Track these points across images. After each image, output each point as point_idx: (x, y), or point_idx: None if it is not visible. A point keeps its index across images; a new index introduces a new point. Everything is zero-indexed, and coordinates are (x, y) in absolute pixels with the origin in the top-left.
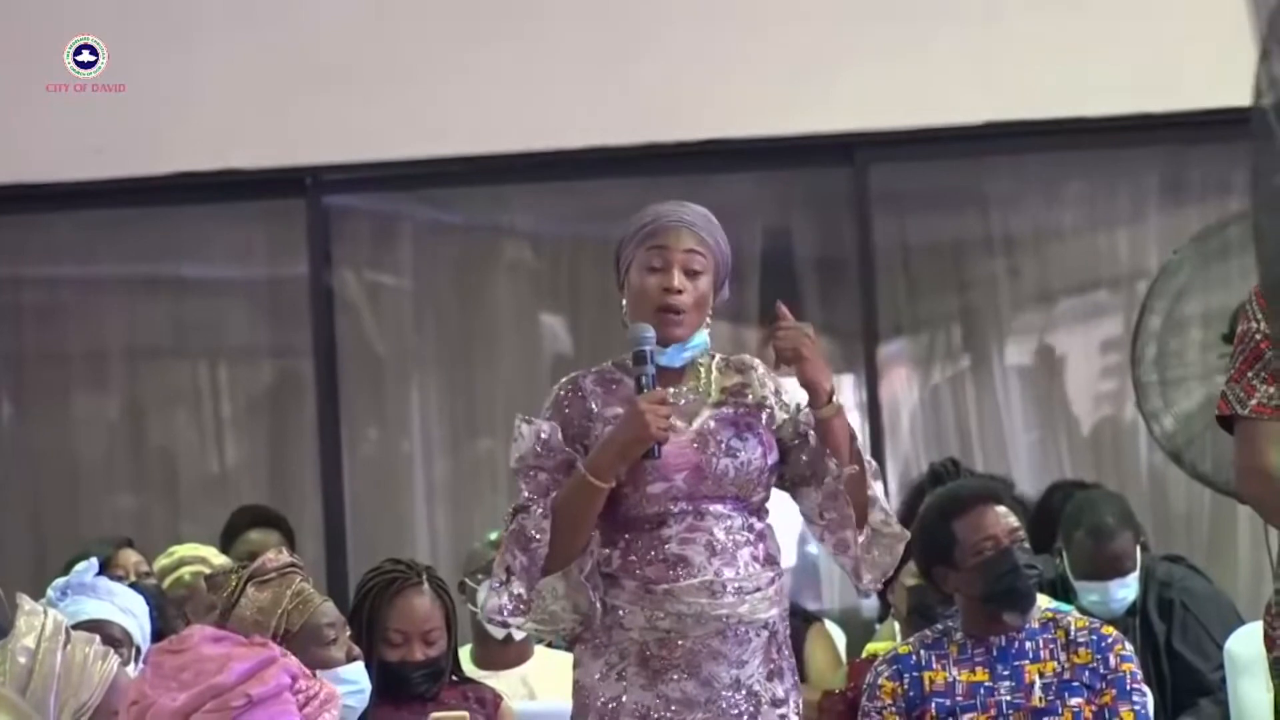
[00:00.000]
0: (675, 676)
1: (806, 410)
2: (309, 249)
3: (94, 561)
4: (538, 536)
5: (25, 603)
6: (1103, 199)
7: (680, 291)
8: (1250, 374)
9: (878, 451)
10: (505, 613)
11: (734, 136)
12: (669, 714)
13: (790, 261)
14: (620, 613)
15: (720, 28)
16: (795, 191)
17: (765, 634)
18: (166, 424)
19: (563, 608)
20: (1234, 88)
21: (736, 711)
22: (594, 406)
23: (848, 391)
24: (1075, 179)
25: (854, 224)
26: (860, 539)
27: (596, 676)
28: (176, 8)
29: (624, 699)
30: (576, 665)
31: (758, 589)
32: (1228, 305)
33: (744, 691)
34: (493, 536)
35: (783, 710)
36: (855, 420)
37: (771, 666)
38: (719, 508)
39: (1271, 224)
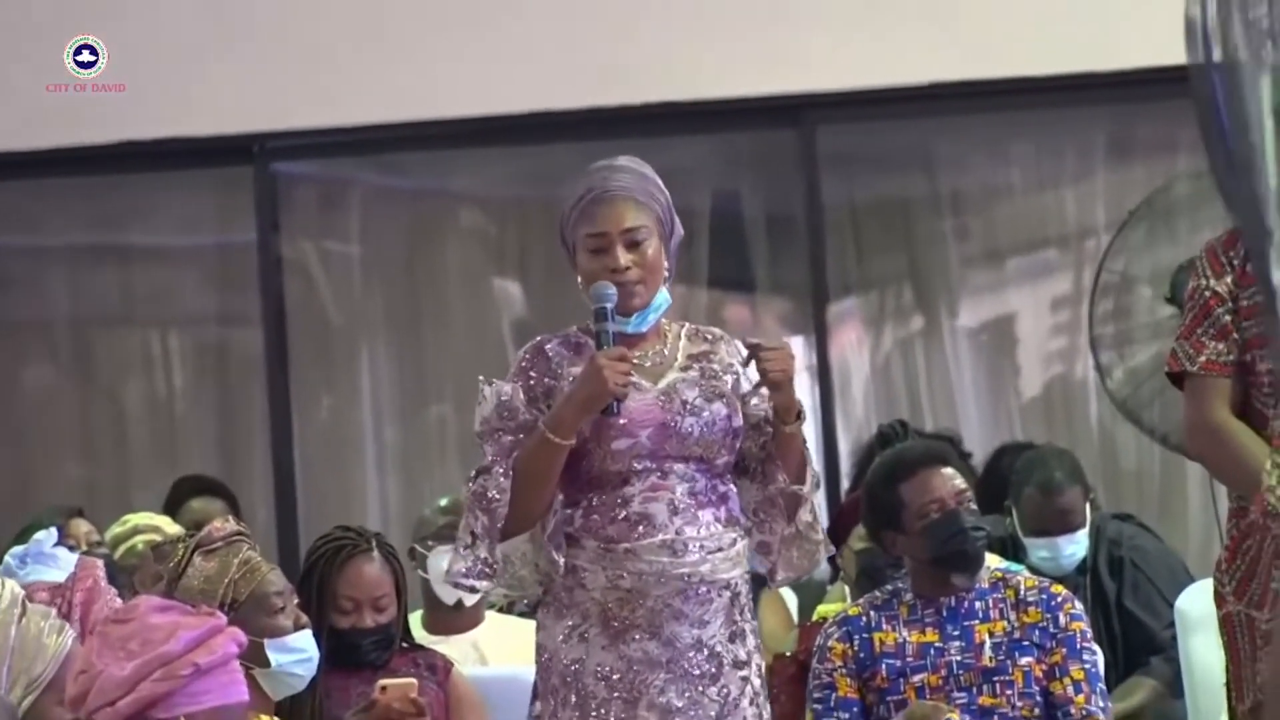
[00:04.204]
0: (637, 636)
1: (764, 396)
2: (257, 216)
3: (54, 531)
4: (498, 496)
5: None
6: (1050, 158)
7: (627, 268)
8: (1199, 330)
9: (828, 413)
10: (471, 575)
11: (681, 99)
12: (631, 674)
13: (739, 223)
14: (581, 573)
15: None
16: (743, 153)
17: (727, 594)
18: (115, 393)
19: (530, 572)
20: (1179, 46)
21: (699, 672)
22: (558, 368)
23: (798, 353)
24: (1022, 138)
25: (802, 185)
26: (781, 542)
27: (559, 639)
28: None
29: (586, 660)
30: (539, 628)
31: (719, 549)
32: (1174, 263)
33: (706, 652)
34: (443, 503)
35: (745, 672)
36: (804, 382)
37: (734, 628)
38: (683, 467)
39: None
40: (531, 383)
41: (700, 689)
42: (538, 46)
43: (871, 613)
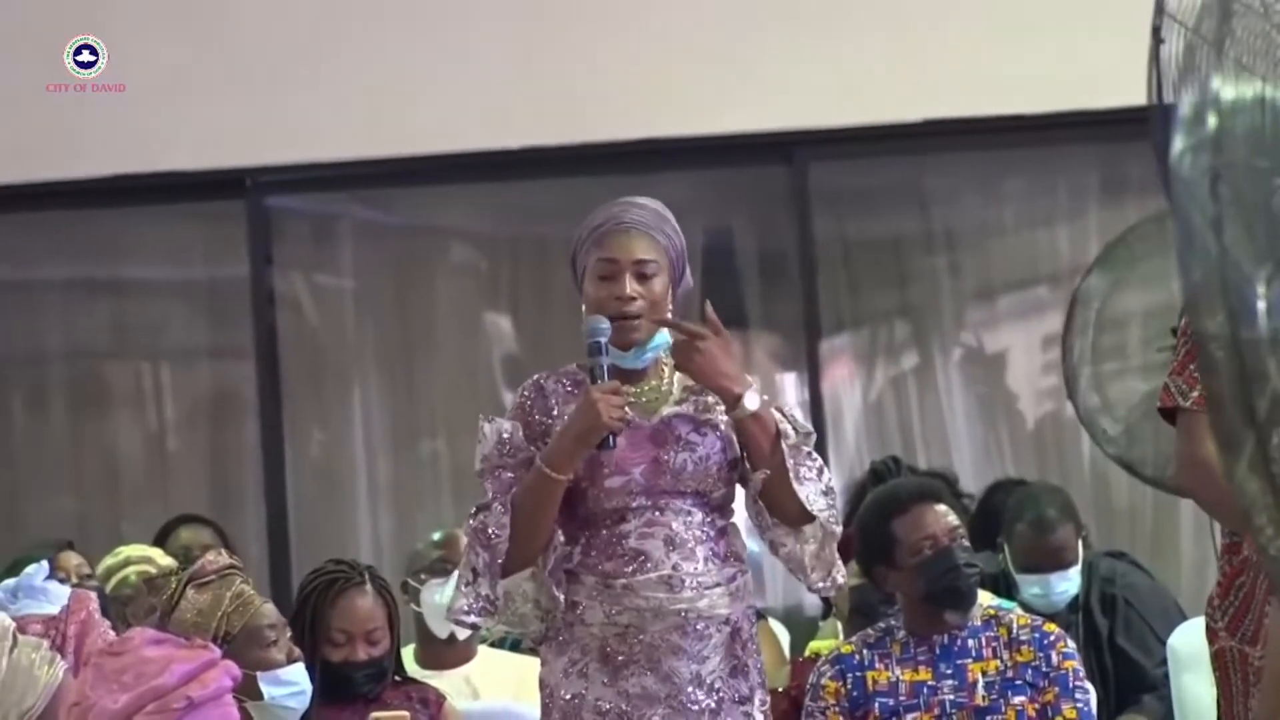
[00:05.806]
0: (635, 672)
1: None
2: (250, 250)
3: (45, 565)
4: (498, 533)
5: None
6: (1042, 195)
7: (633, 299)
8: (1193, 366)
9: (821, 448)
10: (473, 612)
11: (673, 135)
12: (630, 710)
13: (731, 260)
14: (580, 609)
15: (657, 27)
16: (735, 190)
17: (726, 630)
18: (108, 426)
19: (531, 609)
20: None
21: (698, 708)
22: (554, 405)
23: (790, 389)
24: (1015, 176)
25: (794, 222)
26: (809, 540)
27: (560, 674)
28: (113, 7)
29: (586, 695)
30: (542, 664)
31: (717, 584)
32: (1169, 300)
33: (705, 688)
34: (436, 537)
35: (746, 708)
36: (798, 418)
37: (735, 663)
38: (679, 503)
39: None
40: (531, 420)
41: None
42: (529, 82)
43: (864, 651)
